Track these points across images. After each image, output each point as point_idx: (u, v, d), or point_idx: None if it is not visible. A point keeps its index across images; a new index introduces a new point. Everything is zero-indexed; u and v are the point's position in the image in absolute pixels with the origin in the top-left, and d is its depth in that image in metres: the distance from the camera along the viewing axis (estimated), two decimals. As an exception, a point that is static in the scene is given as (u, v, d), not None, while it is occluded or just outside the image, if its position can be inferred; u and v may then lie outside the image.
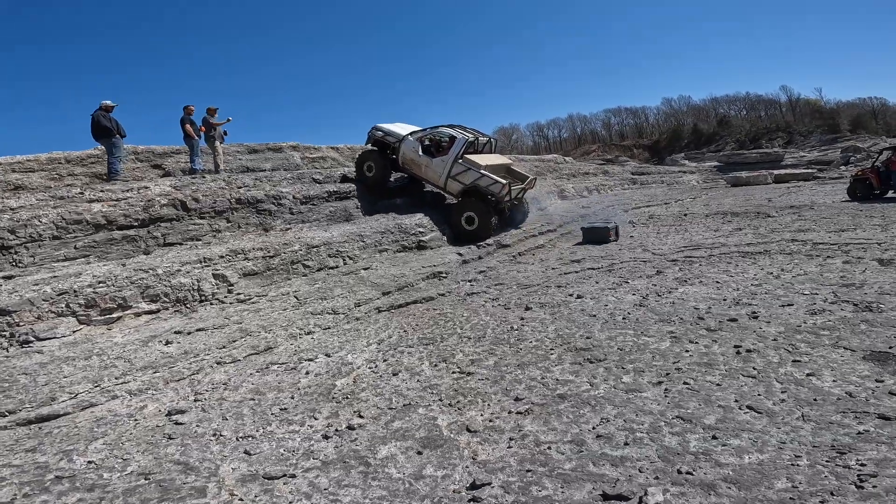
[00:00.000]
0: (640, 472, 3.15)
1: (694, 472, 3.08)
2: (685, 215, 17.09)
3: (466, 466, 3.48)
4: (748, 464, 3.11)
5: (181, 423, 4.56)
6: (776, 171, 32.46)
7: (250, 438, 4.21)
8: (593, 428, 3.78)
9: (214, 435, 4.31)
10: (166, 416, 4.77)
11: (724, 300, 6.83)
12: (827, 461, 3.06)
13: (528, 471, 3.31)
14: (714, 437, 3.45)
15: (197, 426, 4.50)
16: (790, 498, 2.76)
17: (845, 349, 4.76)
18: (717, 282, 7.89)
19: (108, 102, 10.45)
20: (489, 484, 3.21)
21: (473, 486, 3.21)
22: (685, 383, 4.37)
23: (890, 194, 16.57)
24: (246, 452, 3.95)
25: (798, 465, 3.06)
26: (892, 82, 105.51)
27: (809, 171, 32.84)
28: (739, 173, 33.13)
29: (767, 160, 38.33)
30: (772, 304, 6.40)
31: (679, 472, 3.10)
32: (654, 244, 11.99)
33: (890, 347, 4.65)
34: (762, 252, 9.86)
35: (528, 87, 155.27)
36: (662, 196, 24.34)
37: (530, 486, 3.15)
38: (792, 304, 6.30)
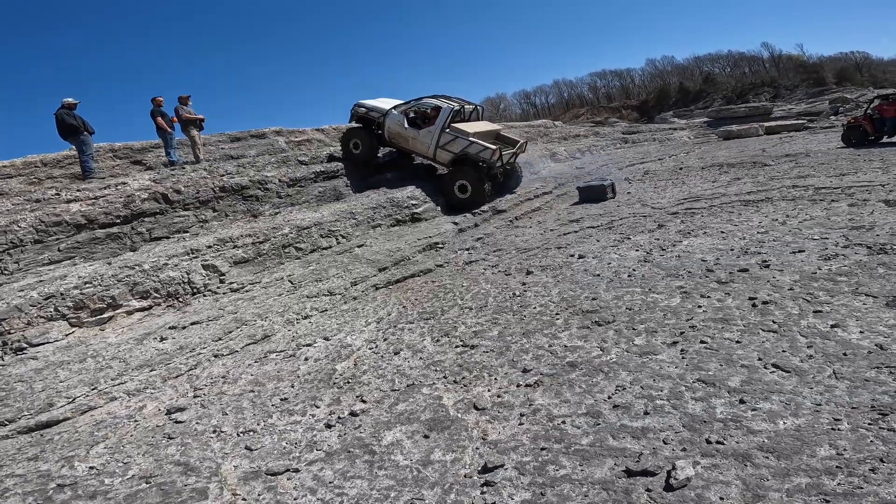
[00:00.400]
0: (665, 443, 2.93)
1: (725, 442, 2.84)
2: (681, 169, 16.75)
3: (477, 448, 3.29)
4: (784, 430, 2.87)
5: (181, 422, 4.42)
6: (766, 124, 31.97)
7: (251, 433, 4.05)
8: (609, 397, 3.55)
9: (215, 432, 4.15)
10: (166, 414, 4.63)
11: (732, 250, 6.59)
12: (870, 424, 2.81)
13: (543, 449, 3.10)
14: (742, 402, 3.20)
15: (197, 423, 4.34)
16: (836, 466, 2.52)
17: (866, 296, 4.49)
18: (722, 232, 7.65)
19: (70, 100, 9.98)
20: (502, 466, 3.01)
21: (485, 470, 3.01)
22: (702, 342, 4.13)
23: (884, 140, 16.39)
24: (247, 448, 3.79)
25: (839, 429, 2.81)
26: (871, 36, 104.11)
27: (800, 121, 32.35)
28: (730, 127, 32.62)
29: (756, 114, 37.86)
30: (782, 252, 6.16)
31: (708, 441, 2.87)
32: (652, 198, 11.72)
33: (913, 291, 4.41)
34: (764, 199, 9.62)
35: (512, 56, 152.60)
36: (656, 153, 23.90)
37: (546, 466, 2.94)
38: (803, 251, 6.06)
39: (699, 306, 4.90)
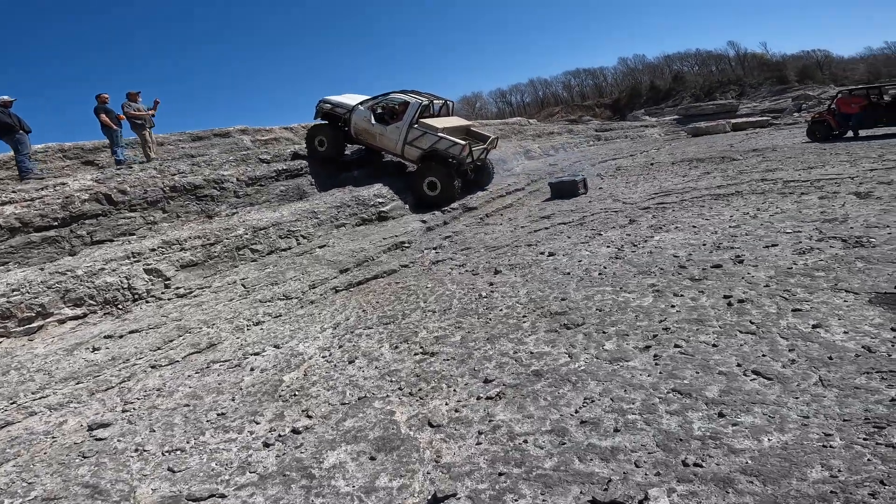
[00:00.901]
0: (637, 466, 2.57)
1: (704, 464, 2.49)
2: (652, 165, 16.71)
3: (428, 473, 2.90)
4: (769, 448, 2.52)
5: (101, 439, 3.97)
6: (733, 120, 32.65)
7: (178, 452, 3.62)
8: (576, 412, 3.19)
9: (137, 450, 3.72)
10: (87, 430, 4.16)
11: (704, 245, 6.35)
12: (865, 439, 2.48)
13: (501, 474, 2.72)
14: (721, 415, 2.86)
15: (118, 441, 3.90)
16: (831, 491, 2.18)
17: (847, 292, 4.22)
18: (694, 226, 7.42)
19: (6, 98, 9.34)
20: (454, 495, 2.62)
21: (435, 500, 2.62)
22: (676, 346, 3.80)
23: (848, 135, 16.65)
24: (170, 469, 3.38)
25: (831, 446, 2.47)
26: (832, 33, 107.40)
27: (765, 118, 33.07)
28: (698, 124, 33.22)
29: (723, 111, 38.77)
30: (755, 246, 5.93)
31: (685, 464, 2.52)
32: (623, 193, 11.53)
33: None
34: (734, 193, 9.50)
35: (488, 55, 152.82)
36: (627, 149, 23.95)
37: (504, 495, 2.56)
38: (776, 245, 5.84)
39: (672, 306, 4.59)
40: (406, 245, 9.21)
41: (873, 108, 15.79)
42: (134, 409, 4.47)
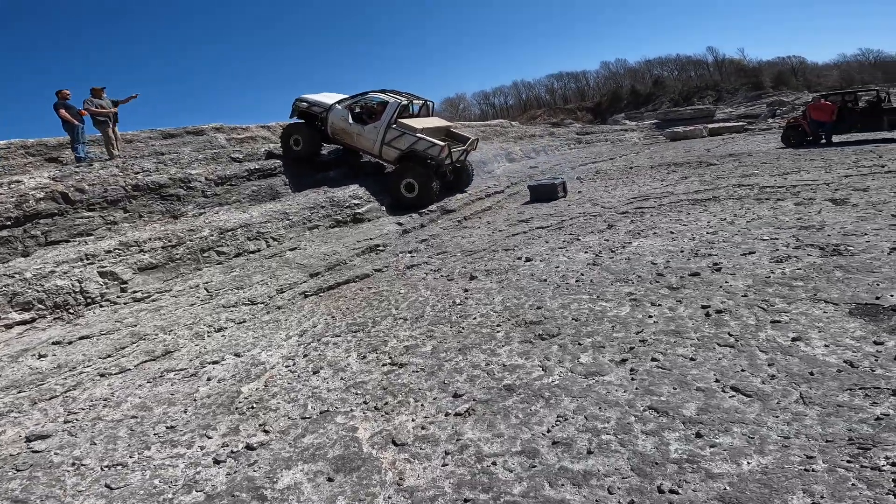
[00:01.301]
0: (611, 493, 2.38)
1: (680, 490, 2.32)
2: (631, 168, 16.72)
3: (389, 497, 2.68)
4: (748, 472, 2.36)
5: (38, 451, 3.72)
6: (710, 125, 33.09)
7: (119, 468, 3.37)
8: (548, 431, 2.99)
9: (74, 464, 3.48)
10: (25, 442, 3.91)
11: (682, 252, 6.24)
12: (849, 461, 2.33)
13: (467, 500, 2.52)
14: (699, 436, 2.69)
15: (56, 454, 3.65)
16: (814, 521, 2.02)
17: (826, 303, 4.10)
18: (672, 232, 7.33)
19: None
20: (414, 526, 2.41)
21: (394, 531, 2.41)
22: (653, 360, 3.63)
23: (822, 142, 16.85)
24: (107, 486, 3.15)
25: (814, 469, 2.31)
26: (807, 41, 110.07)
27: (740, 123, 33.64)
28: (677, 128, 33.58)
29: (701, 116, 39.48)
30: (733, 254, 5.84)
31: (660, 490, 2.34)
32: (602, 197, 11.44)
33: (877, 298, 4.01)
34: (711, 198, 9.47)
35: (472, 57, 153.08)
36: (607, 153, 24.02)
37: (468, 526, 2.36)
38: (754, 252, 5.75)
39: (650, 316, 4.43)
40: (380, 248, 8.97)
41: (848, 114, 15.98)
42: (77, 420, 4.21)
